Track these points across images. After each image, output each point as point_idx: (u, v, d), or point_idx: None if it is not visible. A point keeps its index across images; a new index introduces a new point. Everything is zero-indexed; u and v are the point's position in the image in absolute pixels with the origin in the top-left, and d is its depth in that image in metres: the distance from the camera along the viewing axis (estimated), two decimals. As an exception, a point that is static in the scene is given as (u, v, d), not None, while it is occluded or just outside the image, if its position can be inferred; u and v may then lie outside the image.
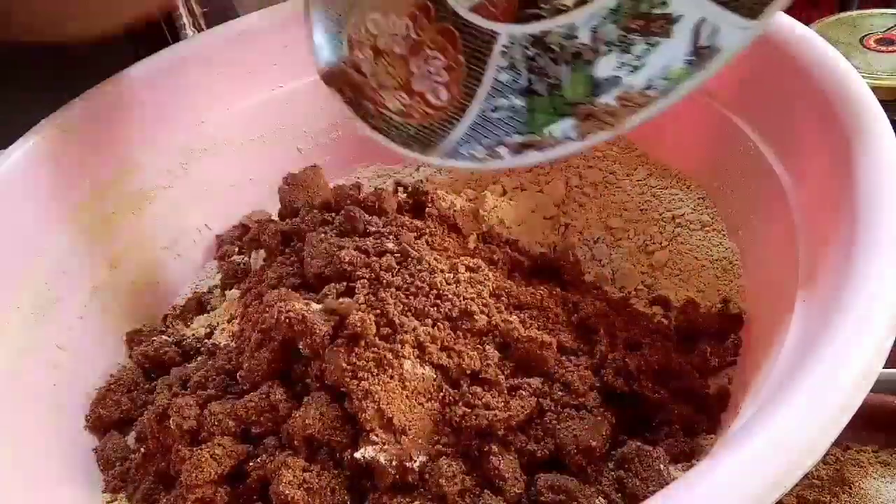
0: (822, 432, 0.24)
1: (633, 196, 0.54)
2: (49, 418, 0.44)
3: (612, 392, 0.39)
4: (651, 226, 0.52)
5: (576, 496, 0.34)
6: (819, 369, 0.26)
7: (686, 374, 0.41)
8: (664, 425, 0.39)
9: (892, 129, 0.34)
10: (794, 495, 0.42)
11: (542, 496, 0.35)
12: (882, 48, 0.64)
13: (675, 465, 0.37)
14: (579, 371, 0.39)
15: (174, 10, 0.63)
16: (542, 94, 0.41)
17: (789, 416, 0.25)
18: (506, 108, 0.42)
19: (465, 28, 0.43)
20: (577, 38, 0.40)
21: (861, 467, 0.43)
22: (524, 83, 0.42)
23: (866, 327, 0.27)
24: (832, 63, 0.39)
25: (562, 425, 0.37)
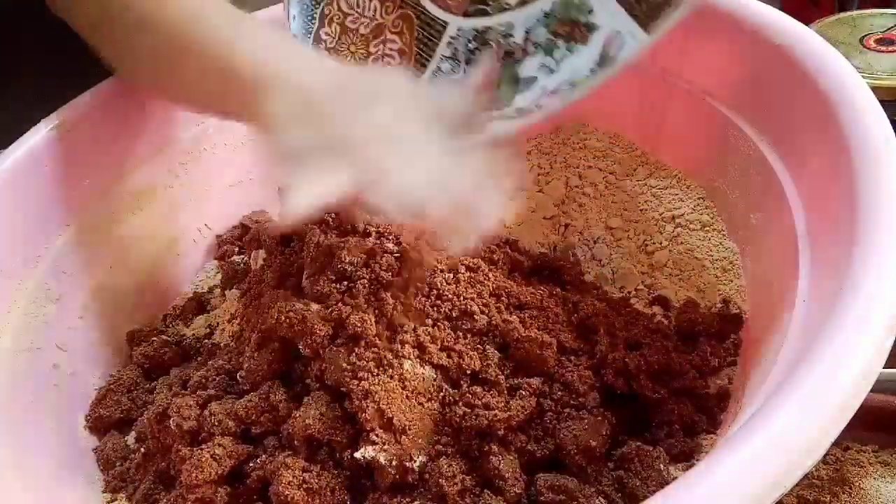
0: (822, 432, 0.24)
1: (633, 196, 0.54)
2: (49, 418, 0.44)
3: (612, 392, 0.39)
4: (651, 226, 0.52)
5: (576, 496, 0.34)
6: (819, 369, 0.26)
7: (686, 374, 0.41)
8: (664, 425, 0.39)
9: (892, 129, 0.34)
10: (794, 495, 0.42)
11: (542, 496, 0.35)
12: (882, 48, 0.64)
13: (675, 465, 0.37)
14: (579, 371, 0.39)
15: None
16: None
17: (789, 416, 0.25)
18: None
19: (422, 15, 0.47)
20: (513, 36, 0.44)
21: (861, 467, 0.43)
22: (460, 75, 0.45)
23: (866, 327, 0.27)
24: (832, 63, 0.39)
25: (562, 425, 0.37)
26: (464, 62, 0.45)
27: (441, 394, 0.38)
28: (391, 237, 0.45)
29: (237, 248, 0.58)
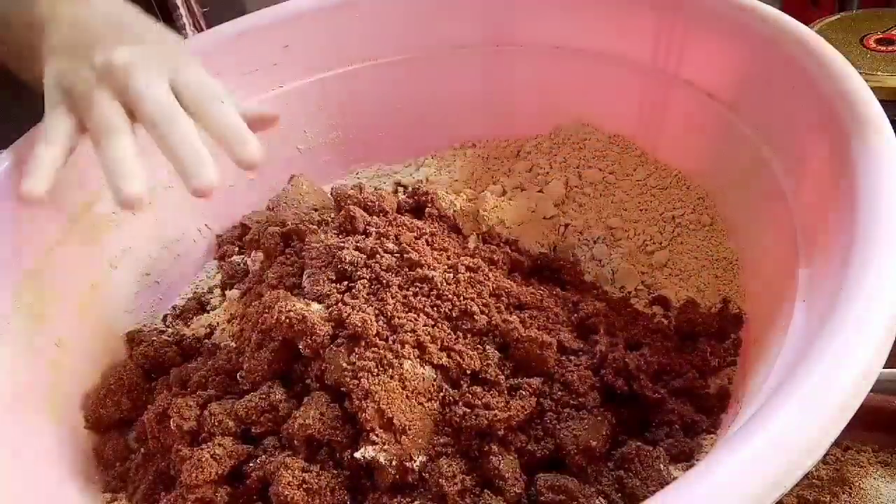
0: (822, 432, 0.24)
1: (633, 196, 0.54)
2: (49, 418, 0.44)
3: (612, 392, 0.39)
4: (651, 226, 0.52)
5: (576, 496, 0.34)
6: (819, 369, 0.26)
7: (686, 374, 0.41)
8: (664, 425, 0.39)
9: (892, 128, 0.34)
10: (794, 495, 0.42)
11: (542, 496, 0.35)
12: (882, 48, 0.64)
13: (675, 465, 0.37)
14: (579, 371, 0.39)
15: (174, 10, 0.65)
16: None
17: (789, 416, 0.24)
18: None
19: None
20: None
21: (861, 467, 0.43)
22: None
23: (866, 327, 0.27)
24: (832, 63, 0.39)
25: (562, 425, 0.37)
26: None
27: (441, 394, 0.38)
28: (391, 237, 0.45)
29: (237, 248, 0.58)
